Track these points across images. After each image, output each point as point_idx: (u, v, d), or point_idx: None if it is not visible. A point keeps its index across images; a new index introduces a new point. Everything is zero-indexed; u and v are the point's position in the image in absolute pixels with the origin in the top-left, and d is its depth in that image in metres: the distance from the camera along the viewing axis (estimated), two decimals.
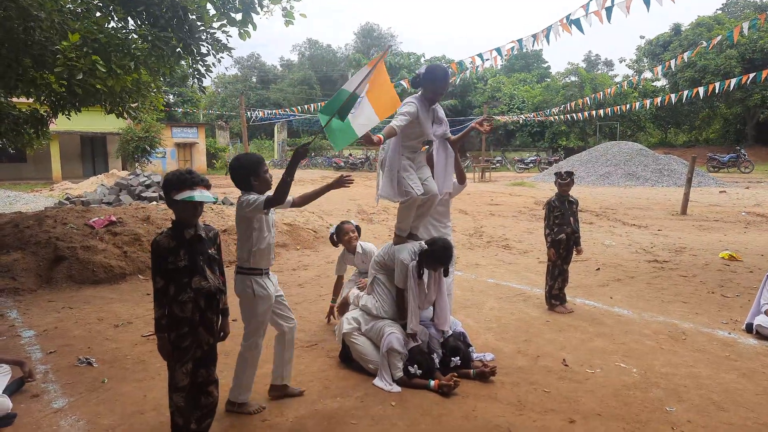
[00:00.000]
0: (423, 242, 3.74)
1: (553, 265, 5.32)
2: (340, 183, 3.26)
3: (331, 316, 4.94)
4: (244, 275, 3.13)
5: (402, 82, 12.68)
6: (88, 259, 6.54)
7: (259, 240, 3.09)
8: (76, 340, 4.52)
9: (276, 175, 2.77)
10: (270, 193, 3.06)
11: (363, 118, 3.21)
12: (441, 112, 3.97)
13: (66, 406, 3.34)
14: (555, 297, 5.33)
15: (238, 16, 6.57)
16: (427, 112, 3.76)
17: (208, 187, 2.66)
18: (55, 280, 6.29)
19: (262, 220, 3.10)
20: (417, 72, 3.86)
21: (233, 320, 3.12)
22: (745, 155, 27.45)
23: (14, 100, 8.23)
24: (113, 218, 7.71)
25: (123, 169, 23.87)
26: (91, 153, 29.74)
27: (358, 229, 4.95)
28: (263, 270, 3.15)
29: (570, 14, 7.50)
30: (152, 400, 3.39)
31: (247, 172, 3.08)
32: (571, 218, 5.34)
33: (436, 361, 3.72)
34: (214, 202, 10.89)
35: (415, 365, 3.57)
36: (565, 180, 5.34)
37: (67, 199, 14.02)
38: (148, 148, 24.72)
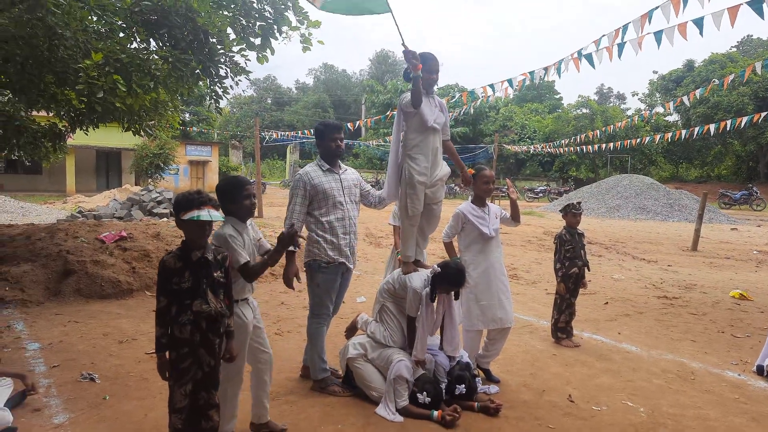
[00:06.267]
0: (435, 266, 3.72)
1: (561, 298, 5.27)
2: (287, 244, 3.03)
3: None
4: None
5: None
6: (97, 273, 6.58)
7: None
8: (80, 354, 4.52)
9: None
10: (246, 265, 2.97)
11: None
12: (443, 104, 3.98)
13: (66, 422, 3.33)
14: (561, 330, 5.26)
15: (257, 41, 6.72)
16: (426, 97, 3.77)
17: (216, 207, 2.69)
18: (63, 294, 6.33)
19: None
20: (406, 67, 3.85)
21: None
22: (757, 193, 27.24)
23: (33, 113, 8.42)
24: (124, 233, 7.77)
25: (136, 185, 24.13)
26: (105, 167, 30.16)
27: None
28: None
29: (582, 49, 7.58)
30: (152, 419, 3.38)
31: (224, 198, 3.04)
32: (582, 251, 5.31)
33: (443, 388, 3.68)
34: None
35: (424, 392, 3.53)
36: (579, 211, 5.31)
37: (80, 212, 14.19)
38: (162, 165, 25.04)
